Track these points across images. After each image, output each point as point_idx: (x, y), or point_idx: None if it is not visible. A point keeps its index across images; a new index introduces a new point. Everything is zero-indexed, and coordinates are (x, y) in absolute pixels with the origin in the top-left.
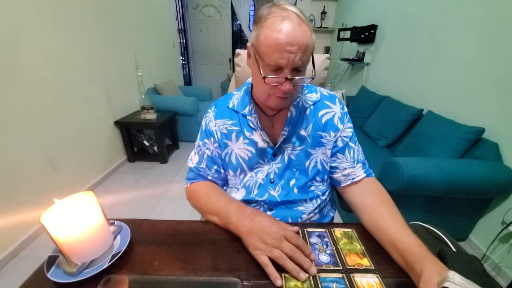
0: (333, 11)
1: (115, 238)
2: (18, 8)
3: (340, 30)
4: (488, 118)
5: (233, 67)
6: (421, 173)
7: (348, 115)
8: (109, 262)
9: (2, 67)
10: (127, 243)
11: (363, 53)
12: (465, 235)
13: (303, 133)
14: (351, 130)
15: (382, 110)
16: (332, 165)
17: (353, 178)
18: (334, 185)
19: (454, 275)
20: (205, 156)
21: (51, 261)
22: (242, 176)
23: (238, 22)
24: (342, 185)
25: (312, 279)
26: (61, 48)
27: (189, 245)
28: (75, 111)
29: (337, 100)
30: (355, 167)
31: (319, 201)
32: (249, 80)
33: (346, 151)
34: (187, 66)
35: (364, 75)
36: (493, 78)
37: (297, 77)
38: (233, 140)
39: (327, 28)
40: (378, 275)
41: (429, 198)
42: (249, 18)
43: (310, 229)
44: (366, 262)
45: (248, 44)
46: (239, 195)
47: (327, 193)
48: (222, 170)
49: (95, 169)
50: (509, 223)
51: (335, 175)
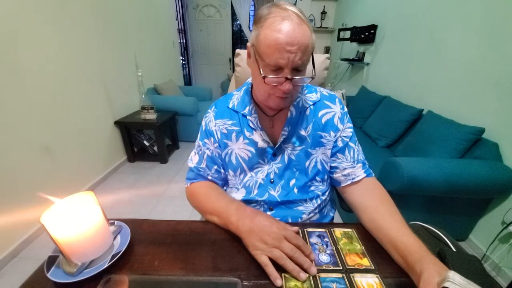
0: (333, 11)
1: (115, 238)
2: (18, 8)
3: (340, 30)
4: (488, 118)
5: (233, 67)
6: (421, 173)
7: (348, 115)
8: (109, 262)
9: (2, 67)
10: (127, 243)
11: (363, 53)
12: (465, 235)
13: (303, 133)
14: (351, 130)
15: (382, 110)
16: (332, 165)
17: (353, 178)
18: (334, 185)
19: (454, 275)
20: (205, 156)
21: (51, 261)
22: (242, 176)
23: (238, 22)
24: (342, 185)
25: (312, 279)
26: (61, 48)
27: (189, 245)
28: (75, 111)
29: (337, 100)
30: (355, 167)
31: (319, 201)
32: (249, 80)
33: (346, 151)
34: (187, 66)
35: (364, 75)
36: (493, 78)
37: (297, 77)
38: (233, 140)
39: (327, 28)
40: (378, 275)
41: (429, 198)
42: (249, 18)
43: (310, 229)
44: (366, 262)
45: (248, 44)
46: (239, 195)
47: (327, 193)
48: (222, 170)
49: (95, 169)
50: (509, 223)
51: (335, 175)
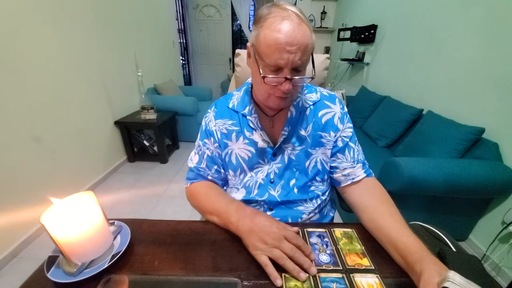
0: (333, 11)
1: (115, 238)
2: (18, 8)
3: (340, 30)
4: (488, 118)
5: (233, 67)
6: (421, 173)
7: (348, 115)
8: (109, 262)
9: (2, 67)
10: (127, 243)
11: (363, 53)
12: (465, 235)
13: (303, 133)
14: (351, 130)
15: (382, 110)
16: (332, 165)
17: (353, 178)
18: (334, 185)
19: (454, 275)
20: (205, 156)
21: (51, 261)
22: (242, 176)
23: (238, 22)
24: (342, 185)
25: (312, 279)
26: (61, 48)
27: (189, 245)
28: (75, 111)
29: (337, 100)
30: (355, 167)
31: (319, 201)
32: (249, 80)
33: (346, 151)
34: (187, 66)
35: (364, 75)
36: (493, 78)
37: (297, 77)
38: (233, 140)
39: (327, 28)
40: (378, 275)
41: (429, 198)
42: (249, 18)
43: (310, 229)
44: (366, 262)
45: (248, 44)
46: (239, 195)
47: (327, 193)
48: (222, 170)
49: (95, 169)
50: (509, 223)
51: (335, 175)
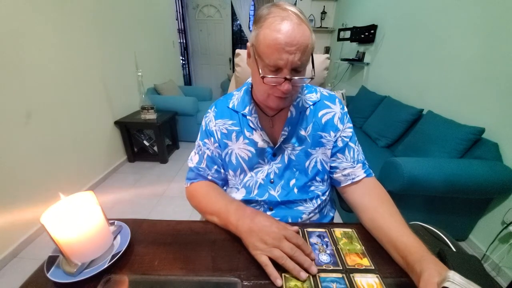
0: (333, 11)
1: (115, 238)
2: (18, 8)
3: (340, 30)
4: (488, 118)
5: (233, 67)
6: (421, 173)
7: (348, 115)
8: (109, 262)
9: (2, 67)
10: (127, 243)
11: (363, 53)
12: (465, 235)
13: (303, 133)
14: (351, 130)
15: (382, 110)
16: (332, 165)
17: (353, 178)
18: (334, 185)
19: (454, 275)
20: (205, 156)
21: (51, 261)
22: (242, 176)
23: (238, 22)
24: (342, 185)
25: (312, 279)
26: (61, 48)
27: (189, 245)
28: (75, 111)
29: (337, 100)
30: (355, 167)
31: (319, 201)
32: (249, 80)
33: (346, 151)
34: (187, 66)
35: (364, 75)
36: (493, 78)
37: (296, 77)
38: (233, 140)
39: (327, 28)
40: (378, 275)
41: (429, 198)
42: (249, 18)
43: (310, 229)
44: (366, 262)
45: (248, 44)
46: (239, 195)
47: (327, 193)
48: (222, 170)
49: (95, 169)
50: (509, 223)
51: (335, 175)
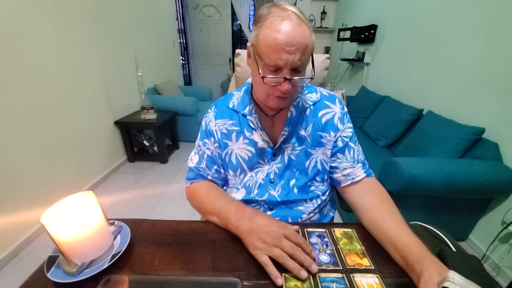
0: (333, 11)
1: (115, 238)
2: (18, 8)
3: (340, 30)
4: (488, 118)
5: (233, 67)
6: (421, 173)
7: (348, 115)
8: (109, 262)
9: (2, 67)
10: (127, 243)
11: (363, 53)
12: (465, 235)
13: (303, 133)
14: (351, 130)
15: (382, 110)
16: (332, 165)
17: (353, 178)
18: (334, 185)
19: (454, 275)
20: (205, 156)
21: (51, 261)
22: (242, 176)
23: (238, 22)
24: (342, 185)
25: (312, 279)
26: (61, 48)
27: (189, 245)
28: (75, 111)
29: (337, 100)
30: (355, 167)
31: (319, 201)
32: (249, 80)
33: (346, 151)
34: (187, 66)
35: (364, 75)
36: (493, 78)
37: (296, 77)
38: (233, 140)
39: (327, 28)
40: (378, 275)
41: (429, 198)
42: (249, 18)
43: (310, 229)
44: (366, 262)
45: (248, 44)
46: (239, 195)
47: (327, 193)
48: (222, 170)
49: (95, 169)
50: (509, 223)
51: (335, 175)
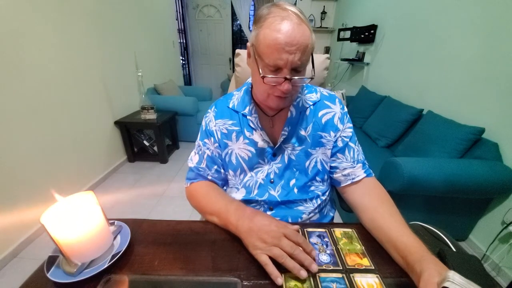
0: (333, 11)
1: (115, 238)
2: (18, 8)
3: (340, 30)
4: (488, 118)
5: (233, 67)
6: (421, 173)
7: (348, 115)
8: (109, 262)
9: (2, 67)
10: (127, 243)
11: (363, 53)
12: (465, 235)
13: (303, 133)
14: (351, 130)
15: (382, 110)
16: (332, 165)
17: (353, 178)
18: (334, 185)
19: (454, 275)
20: (205, 156)
21: (51, 261)
22: (242, 176)
23: (238, 22)
24: (342, 185)
25: (312, 279)
26: (61, 48)
27: (189, 245)
28: (75, 111)
29: (337, 100)
30: (355, 167)
31: (319, 201)
32: (249, 80)
33: (346, 151)
34: (187, 66)
35: (364, 75)
36: (493, 78)
37: (296, 77)
38: (233, 140)
39: (327, 28)
40: (378, 275)
41: (429, 198)
42: (249, 18)
43: (310, 229)
44: (366, 262)
45: (248, 44)
46: (239, 195)
47: (327, 193)
48: (222, 170)
49: (95, 169)
50: (509, 223)
51: (335, 175)
